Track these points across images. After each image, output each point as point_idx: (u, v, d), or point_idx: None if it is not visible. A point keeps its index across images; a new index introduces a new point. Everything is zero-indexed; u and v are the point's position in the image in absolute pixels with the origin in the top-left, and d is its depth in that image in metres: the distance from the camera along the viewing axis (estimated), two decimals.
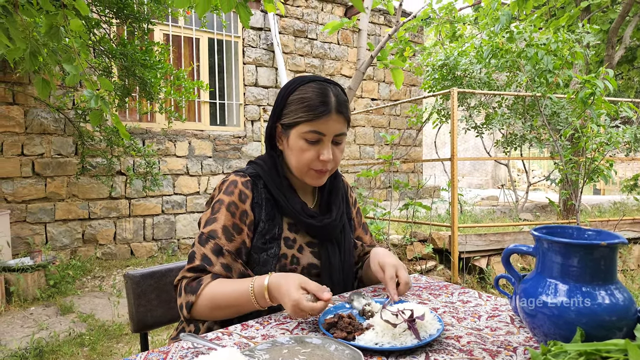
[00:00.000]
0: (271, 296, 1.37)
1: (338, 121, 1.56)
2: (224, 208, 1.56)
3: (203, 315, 1.46)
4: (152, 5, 5.16)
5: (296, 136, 1.56)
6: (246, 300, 1.40)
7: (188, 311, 1.45)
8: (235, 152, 7.79)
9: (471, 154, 18.62)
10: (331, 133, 1.55)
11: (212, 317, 1.49)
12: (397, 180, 6.08)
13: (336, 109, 1.54)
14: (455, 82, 7.29)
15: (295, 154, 1.58)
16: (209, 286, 1.45)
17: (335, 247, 1.70)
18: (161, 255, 7.03)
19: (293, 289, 1.29)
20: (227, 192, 1.58)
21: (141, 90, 5.56)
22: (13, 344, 3.91)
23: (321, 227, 1.65)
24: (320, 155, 1.55)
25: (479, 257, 5.63)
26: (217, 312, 1.45)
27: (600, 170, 5.40)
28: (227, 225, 1.54)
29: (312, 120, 1.52)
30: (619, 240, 0.99)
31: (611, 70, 5.29)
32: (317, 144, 1.55)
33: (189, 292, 1.46)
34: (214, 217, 1.56)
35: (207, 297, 1.43)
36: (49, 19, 2.29)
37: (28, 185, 6.15)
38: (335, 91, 1.58)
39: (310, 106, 1.53)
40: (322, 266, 1.65)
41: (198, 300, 1.44)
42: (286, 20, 8.44)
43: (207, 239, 1.52)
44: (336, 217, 1.70)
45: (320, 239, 1.68)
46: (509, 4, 7.39)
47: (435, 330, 1.17)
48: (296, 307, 1.26)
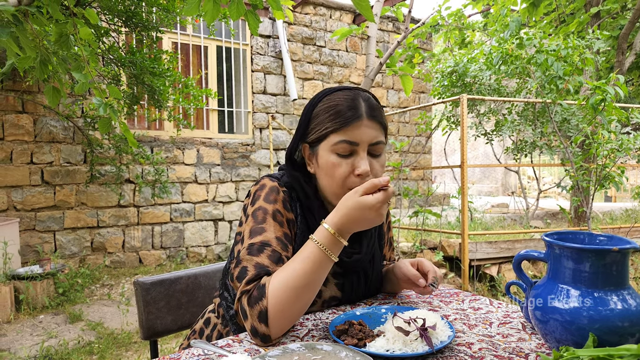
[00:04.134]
0: (345, 233, 1.24)
1: (372, 127, 1.35)
2: (269, 218, 1.37)
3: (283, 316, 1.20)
4: (160, 13, 5.19)
5: (326, 151, 1.37)
6: (320, 259, 1.22)
7: (265, 323, 1.19)
8: (244, 160, 7.80)
9: (481, 161, 18.59)
10: (365, 141, 1.34)
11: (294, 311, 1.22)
12: (406, 188, 6.07)
13: (368, 114, 1.35)
14: (465, 88, 7.27)
15: (326, 172, 1.38)
16: (272, 278, 1.23)
17: (361, 278, 1.55)
18: (169, 264, 7.04)
19: (360, 206, 1.21)
20: (270, 200, 1.40)
21: (150, 98, 5.59)
22: (22, 352, 3.92)
23: (349, 262, 1.47)
24: (356, 169, 1.34)
25: (489, 264, 5.60)
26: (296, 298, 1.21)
27: (611, 177, 5.36)
28: (279, 236, 1.36)
29: (342, 129, 1.33)
30: (631, 246, 0.98)
31: (622, 77, 5.25)
32: (350, 156, 1.35)
33: (255, 302, 1.21)
34: (260, 226, 1.36)
35: (279, 287, 1.21)
36: (59, 28, 2.30)
37: (37, 194, 6.18)
38: (365, 96, 1.40)
39: (338, 113, 1.34)
40: (342, 298, 1.52)
41: (269, 301, 1.20)
42: (294, 28, 8.47)
43: (261, 249, 1.31)
44: (367, 252, 1.53)
45: (346, 270, 1.51)
46: (519, 10, 7.39)
47: (446, 337, 1.16)
48: (378, 210, 1.20)
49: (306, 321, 1.39)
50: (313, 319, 1.41)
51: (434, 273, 1.50)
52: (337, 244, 1.23)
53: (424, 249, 5.78)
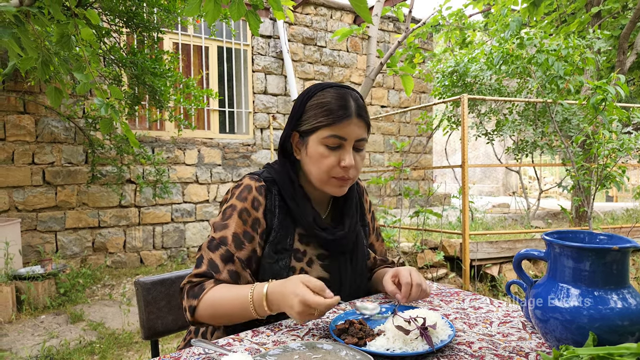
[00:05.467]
0: (271, 304, 1.32)
1: (359, 125, 1.51)
2: (235, 214, 1.51)
3: (205, 320, 1.44)
4: (161, 14, 5.20)
5: (316, 142, 1.50)
6: (244, 308, 1.35)
7: (192, 314, 1.43)
8: (245, 160, 7.81)
9: (482, 161, 18.58)
10: (352, 138, 1.49)
11: (215, 323, 1.47)
12: (407, 188, 6.07)
13: (356, 113, 1.50)
14: (466, 88, 7.27)
15: (315, 161, 1.52)
16: (211, 292, 1.42)
17: (347, 259, 1.63)
18: (170, 264, 7.04)
19: (296, 286, 1.24)
20: (240, 198, 1.53)
21: (151, 98, 5.60)
22: (24, 352, 3.93)
23: (333, 240, 1.58)
24: (342, 162, 1.49)
25: (490, 264, 5.60)
26: (218, 319, 1.43)
27: (612, 176, 5.36)
28: (238, 233, 1.49)
29: (333, 125, 1.47)
30: (631, 245, 0.98)
31: (622, 76, 5.25)
32: (337, 149, 1.50)
33: (191, 296, 1.43)
34: (225, 222, 1.51)
35: (208, 303, 1.41)
36: (60, 29, 2.31)
37: (38, 194, 6.19)
38: (354, 96, 1.54)
39: (330, 110, 1.48)
40: (331, 280, 1.58)
41: (199, 305, 1.41)
42: (295, 28, 8.47)
43: (218, 246, 1.48)
44: (349, 229, 1.63)
45: (332, 252, 1.61)
46: (519, 10, 7.38)
47: (446, 336, 1.17)
48: (303, 303, 1.20)
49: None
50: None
51: (407, 286, 1.49)
52: (262, 306, 1.33)
53: (424, 249, 5.78)
